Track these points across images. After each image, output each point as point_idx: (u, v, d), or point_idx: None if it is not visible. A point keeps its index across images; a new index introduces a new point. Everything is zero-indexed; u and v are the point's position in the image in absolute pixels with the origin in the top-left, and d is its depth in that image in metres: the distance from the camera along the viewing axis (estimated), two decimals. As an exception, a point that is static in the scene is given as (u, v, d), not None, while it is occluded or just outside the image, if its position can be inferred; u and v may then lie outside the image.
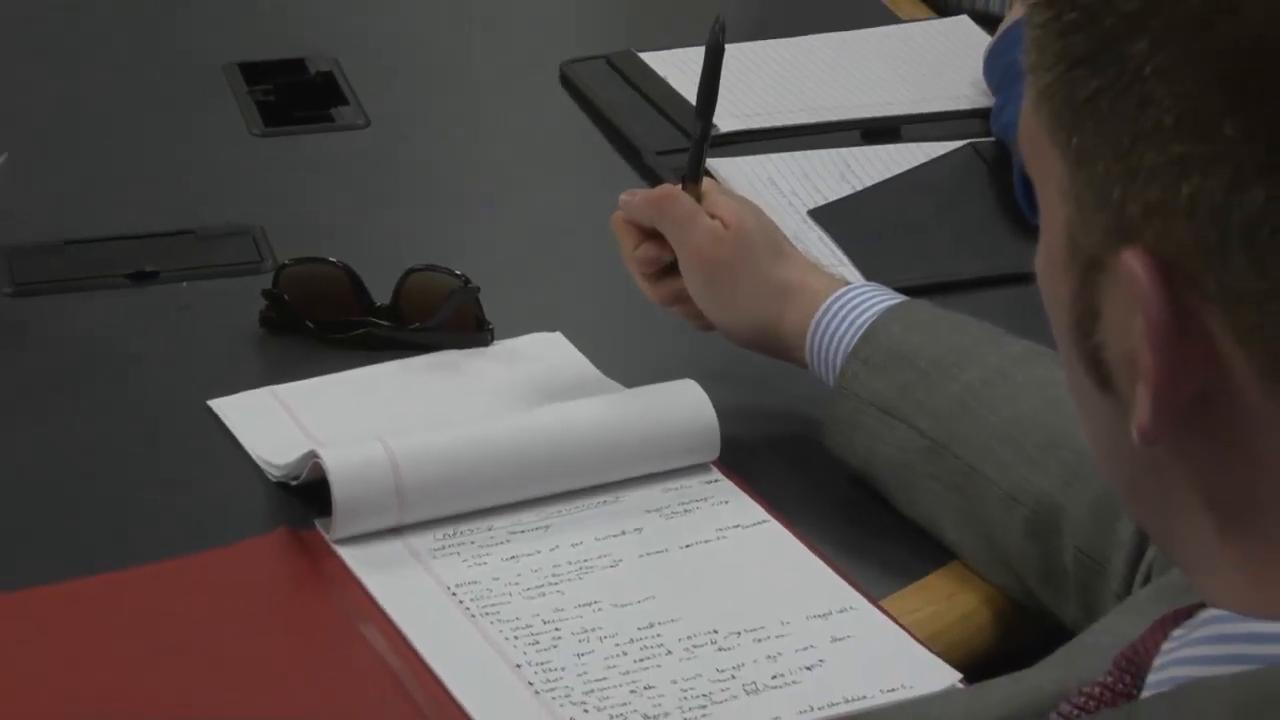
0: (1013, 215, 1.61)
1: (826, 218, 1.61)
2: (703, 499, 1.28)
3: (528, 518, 1.26)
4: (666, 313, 1.37)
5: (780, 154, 1.70)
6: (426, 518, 1.23)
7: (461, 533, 1.24)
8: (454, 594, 1.19)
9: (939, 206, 1.64)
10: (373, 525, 1.22)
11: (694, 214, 1.32)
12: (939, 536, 1.24)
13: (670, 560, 1.23)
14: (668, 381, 1.31)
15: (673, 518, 1.27)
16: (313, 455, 1.22)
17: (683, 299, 1.34)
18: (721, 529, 1.26)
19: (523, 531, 1.25)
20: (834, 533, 1.26)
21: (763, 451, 1.34)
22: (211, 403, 1.35)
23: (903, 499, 1.26)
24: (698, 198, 1.33)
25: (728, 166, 1.67)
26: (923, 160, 1.70)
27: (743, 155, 1.70)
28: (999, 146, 1.69)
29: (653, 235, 1.34)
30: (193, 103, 1.81)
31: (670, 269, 1.34)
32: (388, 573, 1.20)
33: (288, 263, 1.45)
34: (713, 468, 1.31)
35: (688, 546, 1.24)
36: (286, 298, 1.43)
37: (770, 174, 1.67)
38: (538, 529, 1.25)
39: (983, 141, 1.71)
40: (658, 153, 1.70)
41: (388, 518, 1.22)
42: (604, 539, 1.24)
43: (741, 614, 1.18)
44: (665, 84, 1.81)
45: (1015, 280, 1.49)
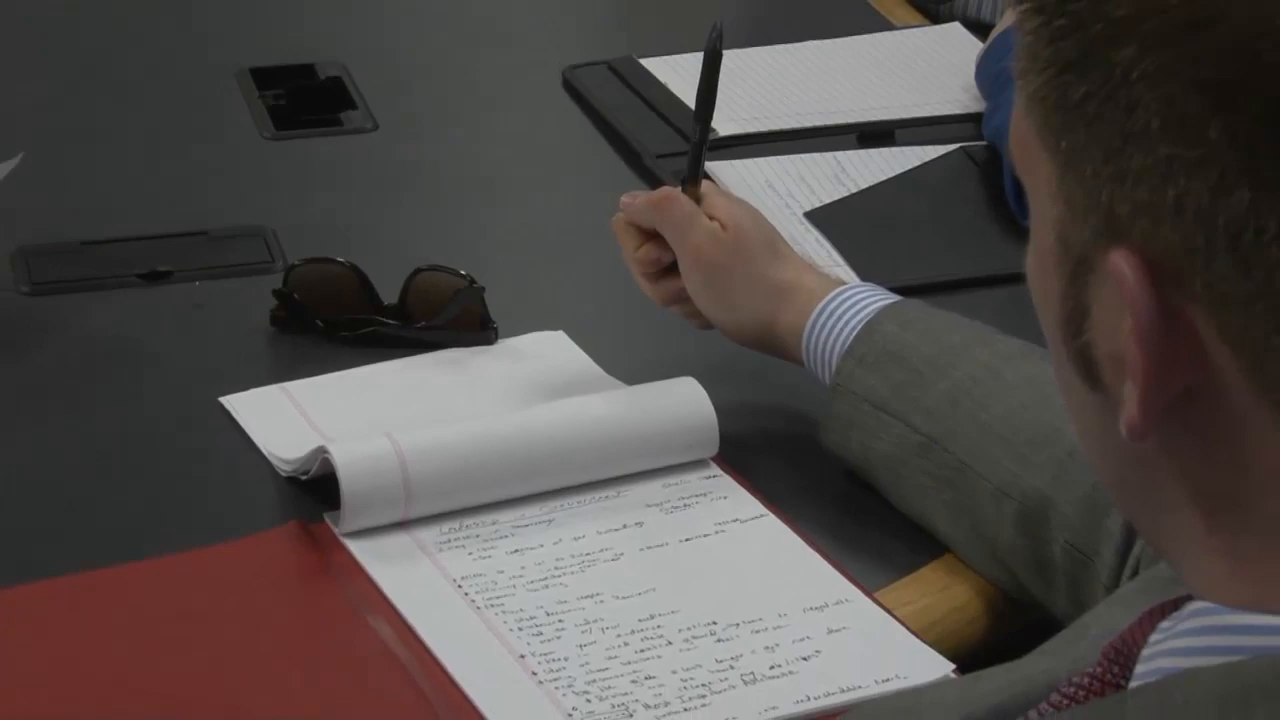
0: (1003, 217, 1.61)
1: (822, 219, 1.61)
2: (702, 494, 1.28)
3: (531, 512, 1.25)
4: (666, 312, 1.37)
5: (777, 157, 1.70)
6: (433, 512, 1.23)
7: (467, 526, 1.24)
8: (459, 586, 1.18)
9: (932, 208, 1.64)
10: (380, 519, 1.22)
11: (693, 216, 1.32)
12: (932, 530, 1.24)
13: (670, 553, 1.23)
14: (668, 379, 1.31)
15: (673, 512, 1.26)
16: (322, 450, 1.22)
17: (682, 298, 1.34)
18: (720, 523, 1.26)
19: (526, 525, 1.24)
20: (830, 526, 1.26)
21: (760, 447, 1.34)
22: (223, 399, 1.35)
23: (896, 494, 1.26)
24: (697, 200, 1.33)
25: (726, 169, 1.66)
26: (916, 163, 1.69)
27: (741, 158, 1.70)
28: (990, 150, 1.69)
29: (653, 236, 1.34)
30: (206, 107, 1.80)
31: (670, 269, 1.34)
32: (395, 565, 1.20)
33: (298, 263, 1.45)
34: (712, 463, 1.30)
35: (687, 540, 1.24)
36: (296, 297, 1.43)
37: (768, 176, 1.67)
38: (541, 523, 1.25)
39: (974, 145, 1.71)
40: (657, 156, 1.70)
41: (395, 512, 1.22)
42: (606, 533, 1.24)
43: (740, 606, 1.18)
44: (665, 89, 1.81)
45: (1006, 280, 1.49)
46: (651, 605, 1.18)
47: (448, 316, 1.42)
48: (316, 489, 1.25)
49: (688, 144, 1.37)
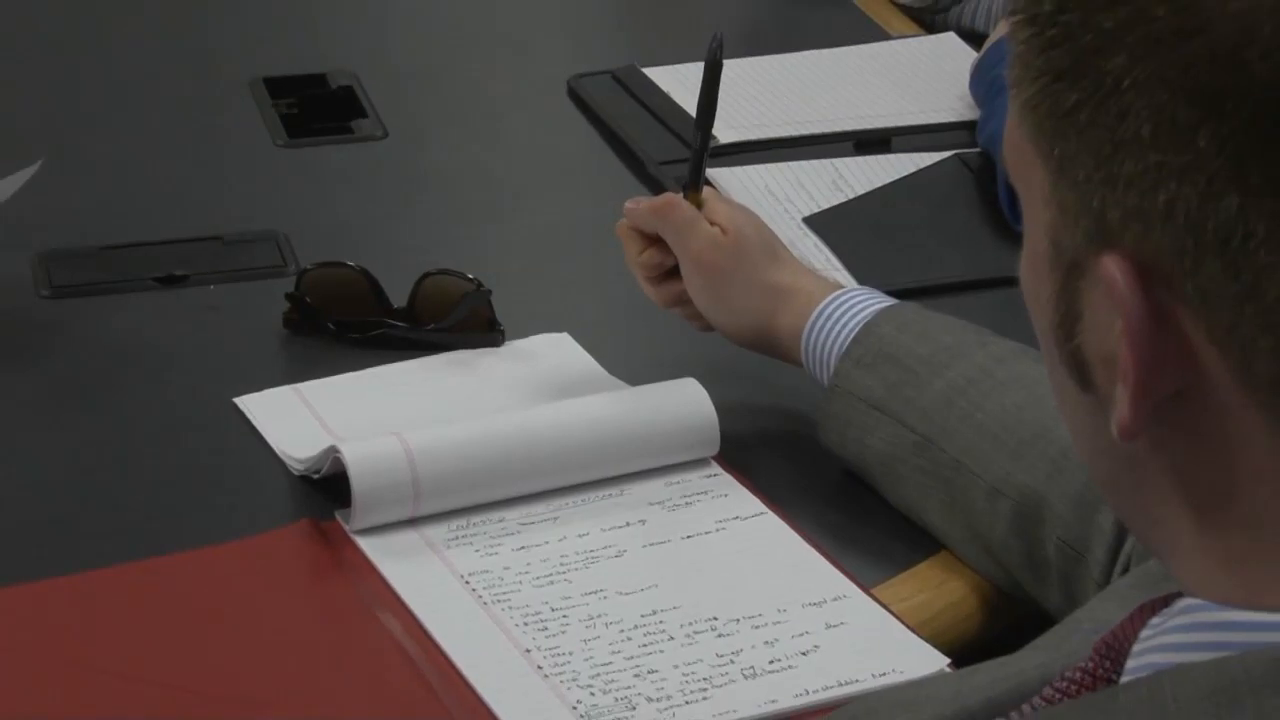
0: (997, 222, 1.61)
1: (820, 224, 1.60)
2: (703, 492, 1.28)
3: (537, 510, 1.25)
4: (668, 314, 1.37)
5: (776, 164, 1.70)
6: (441, 509, 1.23)
7: (474, 524, 1.23)
8: (467, 582, 1.18)
9: (927, 214, 1.64)
10: (390, 516, 1.22)
11: (694, 221, 1.31)
12: (927, 528, 1.24)
13: (672, 550, 1.23)
14: (669, 380, 1.31)
15: (674, 510, 1.26)
16: (333, 450, 1.22)
17: (683, 301, 1.34)
18: (721, 521, 1.25)
19: (532, 523, 1.24)
20: (828, 524, 1.26)
21: (760, 447, 1.33)
22: (237, 400, 1.35)
23: (893, 492, 1.26)
24: (698, 205, 1.33)
25: (727, 176, 1.66)
26: (912, 170, 1.69)
27: (741, 165, 1.69)
28: (984, 157, 1.69)
29: (655, 241, 1.34)
30: (220, 116, 1.80)
31: (672, 273, 1.34)
32: (404, 562, 1.19)
33: (310, 267, 1.45)
34: (712, 462, 1.30)
35: (689, 537, 1.24)
36: (308, 300, 1.43)
37: (767, 183, 1.66)
38: (546, 520, 1.24)
39: (969, 152, 1.71)
40: (660, 163, 1.70)
41: (404, 509, 1.22)
42: (609, 530, 1.24)
43: (740, 602, 1.17)
44: (667, 98, 1.81)
45: (999, 283, 1.49)
46: (654, 601, 1.18)
47: (456, 319, 1.42)
48: (328, 487, 1.25)
49: (689, 151, 1.36)
